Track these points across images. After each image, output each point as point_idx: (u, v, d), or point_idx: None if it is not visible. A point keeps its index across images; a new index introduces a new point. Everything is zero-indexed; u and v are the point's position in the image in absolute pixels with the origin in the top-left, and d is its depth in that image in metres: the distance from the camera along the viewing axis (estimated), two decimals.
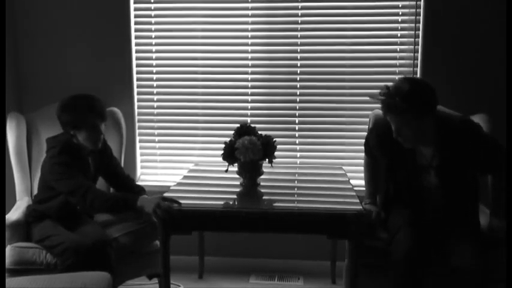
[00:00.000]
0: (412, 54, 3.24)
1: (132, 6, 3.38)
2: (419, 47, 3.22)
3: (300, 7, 3.31)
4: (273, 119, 3.41)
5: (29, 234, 2.71)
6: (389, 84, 2.37)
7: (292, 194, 2.93)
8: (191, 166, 3.34)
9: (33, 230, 2.68)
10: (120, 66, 3.38)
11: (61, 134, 2.74)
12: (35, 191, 2.98)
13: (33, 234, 2.66)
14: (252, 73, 3.40)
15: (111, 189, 3.01)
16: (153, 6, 3.39)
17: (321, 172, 3.25)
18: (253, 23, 3.35)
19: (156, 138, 3.51)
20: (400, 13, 3.26)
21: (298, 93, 3.38)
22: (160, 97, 3.48)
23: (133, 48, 3.41)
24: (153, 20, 3.40)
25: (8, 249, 2.55)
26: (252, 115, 3.41)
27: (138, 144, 3.49)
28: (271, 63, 3.38)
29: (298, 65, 3.36)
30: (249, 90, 3.41)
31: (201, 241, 3.31)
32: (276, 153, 2.79)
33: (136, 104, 3.46)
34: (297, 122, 3.41)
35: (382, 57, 3.30)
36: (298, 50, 3.35)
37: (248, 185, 2.77)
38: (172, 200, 2.45)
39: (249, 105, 3.42)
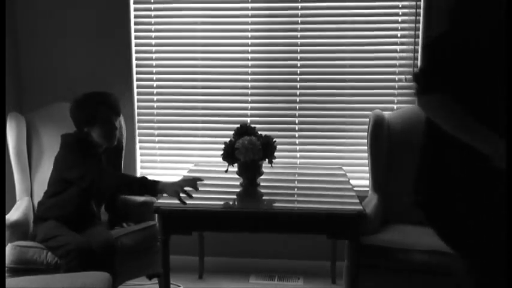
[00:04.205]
0: (412, 54, 3.24)
1: (132, 6, 3.38)
2: (419, 47, 3.22)
3: (300, 7, 3.31)
4: (273, 119, 3.41)
5: (27, 233, 2.70)
6: None
7: (292, 194, 2.93)
8: (191, 166, 3.33)
9: (37, 228, 2.66)
10: (120, 66, 3.38)
11: (76, 131, 2.71)
12: (35, 191, 2.99)
13: (38, 233, 2.64)
14: (252, 73, 3.40)
15: None
16: (153, 6, 3.39)
17: (321, 172, 3.25)
18: (253, 23, 3.35)
19: (156, 139, 3.51)
20: (400, 13, 3.26)
21: (298, 94, 3.38)
22: (160, 97, 3.48)
23: (133, 48, 3.41)
24: (153, 20, 3.41)
25: (9, 248, 2.55)
26: (252, 115, 3.41)
27: (138, 145, 3.49)
28: (271, 63, 3.38)
29: (298, 65, 3.36)
30: (249, 91, 3.41)
31: (201, 241, 3.31)
32: (276, 153, 2.79)
33: (136, 104, 3.46)
34: (297, 122, 3.41)
35: (382, 57, 3.30)
36: (298, 50, 3.35)
37: (248, 185, 2.77)
38: (195, 179, 2.47)
39: (249, 105, 3.42)
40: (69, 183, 2.63)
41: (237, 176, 2.80)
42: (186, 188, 2.41)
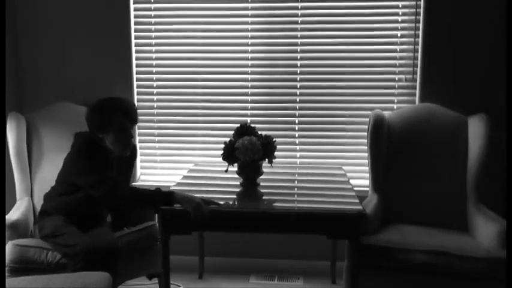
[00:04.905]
0: (412, 54, 3.24)
1: (132, 6, 3.38)
2: (419, 47, 3.22)
3: (300, 7, 3.31)
4: (273, 119, 3.41)
5: (27, 233, 2.69)
6: None
7: (292, 194, 2.93)
8: (191, 166, 3.34)
9: (43, 222, 2.62)
10: (120, 66, 3.38)
11: (90, 132, 2.65)
12: (35, 191, 2.99)
13: (43, 226, 2.60)
14: (252, 73, 3.40)
15: None
16: (153, 6, 3.39)
17: (321, 172, 3.25)
18: (253, 23, 3.35)
19: (156, 138, 3.51)
20: (400, 13, 3.26)
21: (298, 93, 3.38)
22: (160, 97, 3.48)
23: (133, 48, 3.41)
24: (153, 20, 3.41)
25: (9, 247, 2.54)
26: (252, 115, 3.41)
27: (138, 145, 3.49)
28: (271, 63, 3.38)
29: (298, 65, 3.36)
30: (249, 90, 3.41)
31: (201, 241, 3.31)
32: (276, 153, 2.79)
33: (136, 104, 3.46)
34: (297, 122, 3.41)
35: (382, 57, 3.30)
36: (298, 50, 3.35)
37: (248, 185, 2.77)
38: (211, 202, 2.43)
39: (249, 105, 3.42)
40: (78, 187, 2.59)
41: (237, 176, 2.81)
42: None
